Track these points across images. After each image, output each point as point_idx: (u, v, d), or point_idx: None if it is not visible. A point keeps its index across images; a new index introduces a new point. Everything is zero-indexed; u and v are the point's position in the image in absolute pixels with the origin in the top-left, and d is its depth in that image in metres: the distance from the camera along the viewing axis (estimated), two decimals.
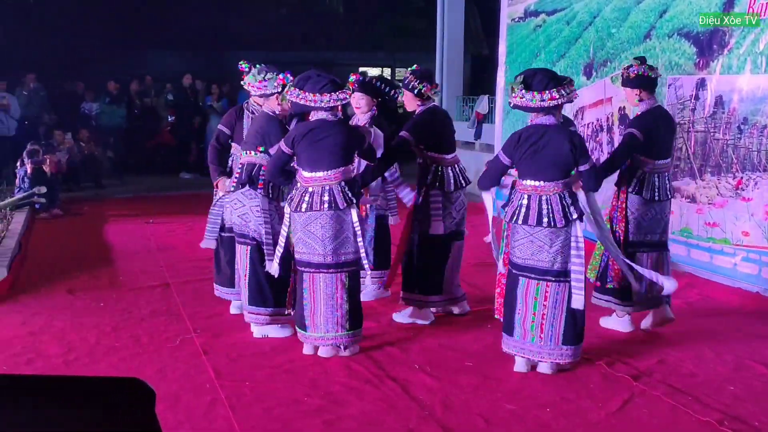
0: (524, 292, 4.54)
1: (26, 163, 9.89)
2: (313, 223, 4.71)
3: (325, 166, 4.71)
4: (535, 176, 4.49)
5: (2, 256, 7.02)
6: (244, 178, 5.09)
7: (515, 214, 4.54)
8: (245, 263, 5.15)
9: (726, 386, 4.43)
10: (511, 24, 10.16)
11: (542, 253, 4.48)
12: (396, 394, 4.28)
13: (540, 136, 4.48)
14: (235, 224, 5.21)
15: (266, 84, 5.06)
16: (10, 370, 4.63)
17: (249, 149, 5.14)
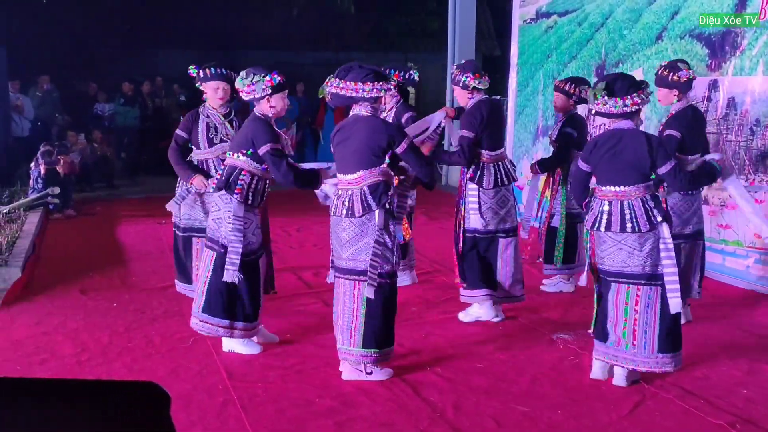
0: (615, 297, 4.44)
1: (40, 163, 9.95)
2: (337, 226, 4.56)
3: (349, 168, 4.52)
4: (614, 181, 4.41)
5: (16, 256, 7.07)
6: (222, 182, 4.86)
7: (597, 222, 4.44)
8: (207, 269, 4.90)
9: (738, 389, 4.42)
10: (523, 25, 10.15)
11: (633, 258, 4.36)
12: (407, 396, 4.29)
13: (617, 141, 4.41)
14: (209, 228, 4.99)
15: (254, 88, 4.80)
16: (24, 370, 4.67)
17: (234, 151, 4.90)
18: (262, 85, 4.79)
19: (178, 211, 5.83)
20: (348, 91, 4.48)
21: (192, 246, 5.81)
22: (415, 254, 6.75)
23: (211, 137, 5.71)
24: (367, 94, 4.48)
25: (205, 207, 5.66)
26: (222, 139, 5.71)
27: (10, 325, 5.55)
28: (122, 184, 12.68)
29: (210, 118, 5.73)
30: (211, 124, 5.73)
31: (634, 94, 4.41)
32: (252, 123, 4.88)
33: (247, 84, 4.80)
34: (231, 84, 5.64)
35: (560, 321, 5.68)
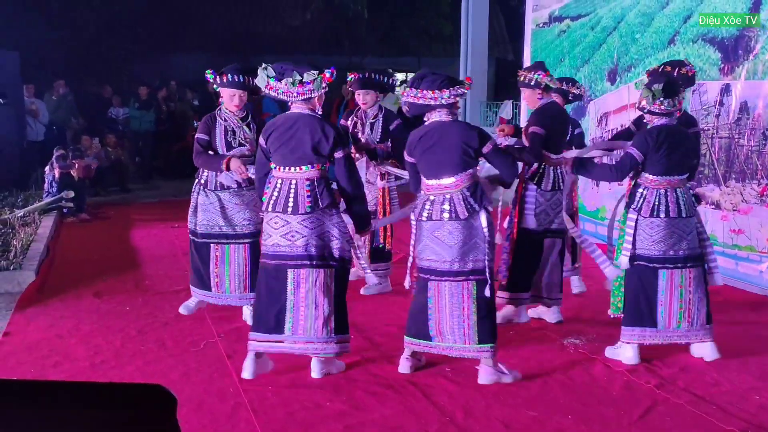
0: (668, 283, 4.83)
1: (54, 167, 10.02)
2: (440, 230, 4.54)
3: (443, 173, 4.54)
4: (669, 172, 4.84)
5: (30, 259, 7.13)
6: (327, 198, 4.54)
7: (654, 209, 4.84)
8: (329, 289, 4.57)
9: (751, 395, 4.40)
10: (536, 29, 10.15)
11: (683, 242, 4.85)
12: (417, 399, 4.30)
13: (674, 136, 4.85)
14: (311, 245, 4.52)
15: (311, 86, 4.48)
16: (38, 373, 4.71)
17: (316, 162, 4.54)
18: (320, 82, 4.51)
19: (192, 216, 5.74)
20: (427, 100, 4.54)
21: (210, 252, 5.67)
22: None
23: (230, 140, 5.61)
24: (445, 100, 4.54)
25: (225, 212, 5.61)
26: (240, 143, 5.62)
27: (24, 328, 5.59)
28: (136, 188, 12.74)
29: (228, 122, 5.64)
30: (229, 127, 5.64)
31: (681, 94, 4.89)
32: (321, 124, 4.53)
33: (297, 83, 4.47)
34: (247, 91, 5.63)
35: (570, 326, 5.67)
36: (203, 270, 5.72)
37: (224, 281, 5.68)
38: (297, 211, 4.50)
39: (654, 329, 4.87)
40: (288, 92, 4.50)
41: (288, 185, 4.55)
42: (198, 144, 5.68)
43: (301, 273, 4.52)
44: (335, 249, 4.54)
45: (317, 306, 4.51)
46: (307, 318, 4.52)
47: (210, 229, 5.67)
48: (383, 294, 6.46)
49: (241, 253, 5.64)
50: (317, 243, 4.51)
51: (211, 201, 5.65)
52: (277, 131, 4.59)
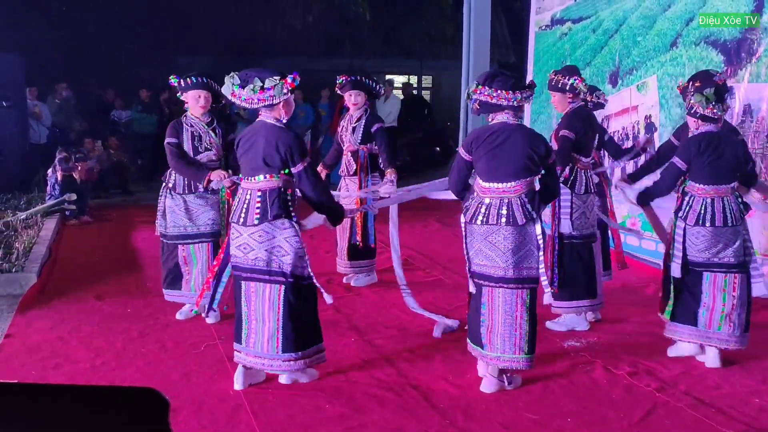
0: (711, 286, 4.92)
1: (57, 170, 10.03)
2: (494, 234, 4.44)
3: (504, 177, 4.42)
4: (715, 181, 4.89)
5: (33, 262, 7.14)
6: (277, 210, 4.39)
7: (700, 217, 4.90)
8: (276, 306, 4.43)
9: (751, 399, 4.39)
10: (539, 32, 10.15)
11: (728, 249, 4.89)
12: (417, 402, 4.29)
13: (719, 143, 4.89)
14: (258, 260, 4.43)
15: (272, 93, 4.37)
16: (38, 375, 4.72)
17: (268, 172, 4.42)
18: (281, 87, 4.39)
19: (161, 218, 5.84)
20: (500, 99, 4.41)
21: (178, 253, 5.82)
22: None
23: (196, 146, 5.70)
24: (516, 102, 4.43)
25: (190, 213, 5.74)
26: (207, 148, 5.73)
27: (25, 330, 5.59)
28: (138, 190, 12.75)
29: (194, 127, 5.72)
30: (195, 133, 5.72)
31: (726, 101, 4.95)
32: (279, 135, 4.42)
33: (258, 89, 4.35)
34: (212, 92, 5.67)
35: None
36: (174, 271, 5.86)
37: (191, 280, 5.81)
38: (246, 223, 4.42)
39: (694, 328, 4.96)
40: (249, 99, 4.40)
41: (245, 196, 4.49)
42: (172, 148, 5.71)
43: (251, 286, 4.47)
44: (286, 265, 4.39)
45: (264, 322, 4.43)
46: (255, 332, 4.47)
47: (177, 230, 5.80)
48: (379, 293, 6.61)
49: (204, 252, 5.77)
50: (266, 257, 4.40)
51: (177, 203, 5.77)
52: (242, 141, 4.57)
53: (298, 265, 4.41)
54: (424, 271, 7.42)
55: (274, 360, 4.44)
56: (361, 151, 6.65)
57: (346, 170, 6.80)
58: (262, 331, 4.44)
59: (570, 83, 5.60)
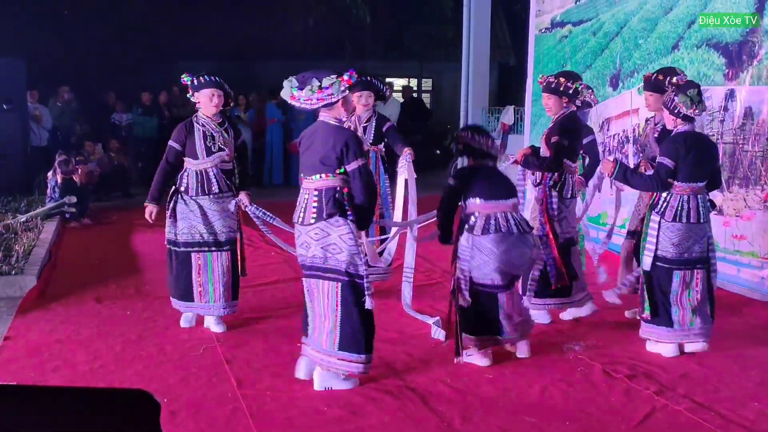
0: (681, 283, 5.08)
1: (57, 173, 10.04)
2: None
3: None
4: (693, 179, 5.05)
5: (32, 264, 7.15)
6: (331, 208, 4.41)
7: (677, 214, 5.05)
8: (334, 303, 4.45)
9: (750, 402, 4.37)
10: (539, 34, 10.16)
11: (696, 245, 5.08)
12: (415, 405, 4.28)
13: (700, 142, 5.12)
14: (316, 258, 4.47)
15: (330, 91, 4.38)
16: (37, 377, 4.71)
17: (324, 171, 4.43)
18: (339, 85, 4.39)
19: (171, 225, 5.64)
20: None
21: (192, 261, 5.59)
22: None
23: (209, 146, 5.56)
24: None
25: (207, 219, 5.56)
26: (220, 148, 5.59)
27: (25, 332, 5.60)
28: (138, 193, 12.73)
29: (206, 127, 5.59)
30: (208, 132, 5.58)
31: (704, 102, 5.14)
32: (337, 134, 4.44)
33: (317, 89, 4.37)
34: (224, 92, 5.63)
35: (570, 332, 5.66)
36: (185, 280, 5.62)
37: (208, 290, 5.60)
38: (304, 222, 4.48)
39: (671, 329, 5.08)
40: (309, 99, 4.40)
41: (304, 195, 4.53)
42: (166, 156, 5.64)
43: (311, 282, 4.53)
44: (341, 262, 4.41)
45: (325, 317, 4.47)
46: (319, 327, 4.50)
47: (191, 237, 5.59)
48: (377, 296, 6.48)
49: (224, 261, 5.61)
50: (322, 255, 4.44)
51: (191, 208, 5.57)
52: (302, 140, 4.60)
53: (352, 263, 4.42)
54: (424, 274, 7.40)
55: (331, 357, 4.44)
56: (373, 152, 6.58)
57: None
58: (323, 326, 4.48)
59: (574, 87, 5.66)
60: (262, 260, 7.99)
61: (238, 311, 5.85)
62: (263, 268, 7.61)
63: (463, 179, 5.00)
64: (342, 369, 4.46)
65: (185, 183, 5.61)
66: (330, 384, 4.49)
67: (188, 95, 5.70)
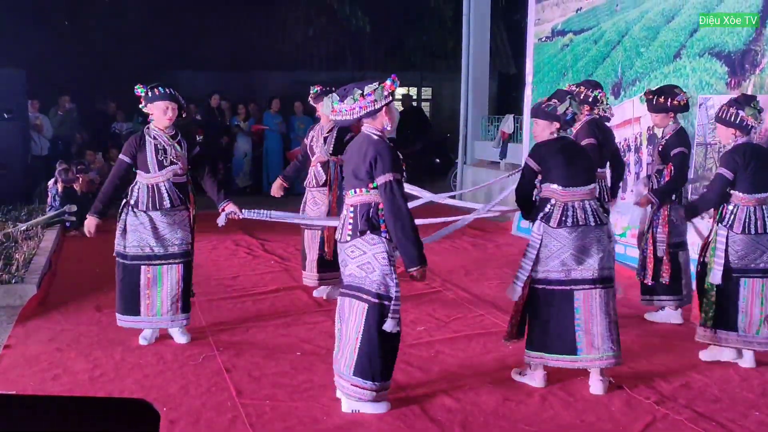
0: (749, 291, 5.09)
1: (58, 181, 10.05)
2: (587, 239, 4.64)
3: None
4: (758, 189, 5.08)
5: (32, 273, 7.13)
6: (363, 225, 4.25)
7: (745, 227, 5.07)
8: (359, 325, 4.26)
9: (751, 412, 4.36)
10: (538, 43, 10.17)
11: (764, 255, 5.07)
12: (415, 415, 4.27)
13: (758, 154, 5.14)
14: (351, 276, 4.32)
15: (373, 97, 4.21)
16: (37, 386, 4.70)
17: (358, 186, 4.29)
18: (382, 91, 4.23)
19: (120, 237, 5.48)
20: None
21: (141, 275, 5.42)
22: None
23: (161, 159, 5.40)
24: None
25: (157, 232, 5.41)
26: (172, 161, 5.42)
27: (24, 341, 5.58)
28: None
29: (157, 140, 5.41)
30: (160, 146, 5.41)
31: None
32: (374, 146, 4.24)
33: (359, 97, 4.21)
34: (178, 104, 5.45)
35: None
36: (132, 295, 5.45)
37: (155, 303, 5.44)
38: (341, 239, 4.36)
39: (736, 333, 5.10)
40: (351, 109, 4.24)
41: (344, 212, 4.41)
42: (116, 169, 5.54)
43: (344, 302, 4.35)
44: (373, 283, 4.22)
45: (348, 339, 4.29)
46: (341, 348, 4.35)
47: (141, 250, 5.44)
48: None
49: (174, 274, 5.45)
50: (358, 274, 4.27)
51: (141, 221, 5.43)
52: (345, 154, 4.53)
53: (383, 283, 4.22)
54: (423, 282, 7.37)
55: (345, 381, 4.28)
56: (332, 162, 6.62)
57: (314, 181, 6.70)
58: (344, 348, 4.31)
59: (595, 95, 5.87)
60: (262, 269, 7.99)
61: (237, 320, 5.84)
62: (263, 277, 7.61)
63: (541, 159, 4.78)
64: (352, 395, 4.27)
65: (135, 196, 5.46)
66: (357, 407, 4.30)
67: (140, 106, 5.52)
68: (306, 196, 6.83)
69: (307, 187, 6.80)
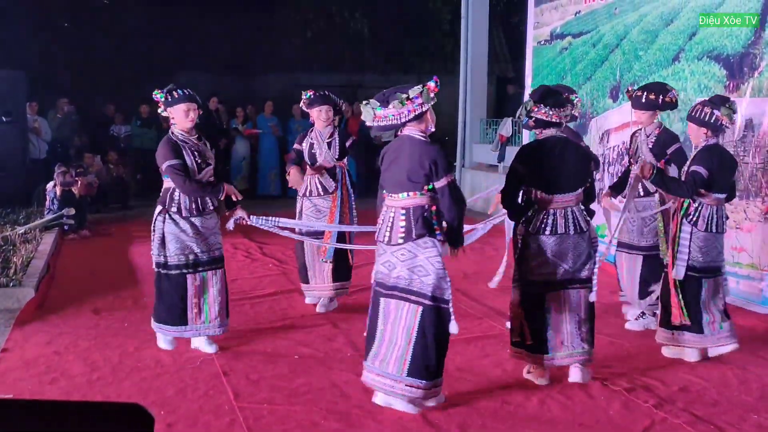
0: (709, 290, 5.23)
1: (56, 185, 10.04)
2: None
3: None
4: (721, 189, 5.21)
5: (30, 276, 7.13)
6: (420, 228, 4.26)
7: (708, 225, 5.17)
8: (411, 327, 4.26)
9: (750, 415, 4.36)
10: (537, 46, 10.18)
11: (719, 254, 5.26)
12: (413, 418, 4.26)
13: (727, 156, 5.32)
14: (400, 278, 4.29)
15: (420, 100, 4.22)
16: (35, 389, 4.69)
17: (412, 189, 4.29)
18: (428, 93, 4.24)
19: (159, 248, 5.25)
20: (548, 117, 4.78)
21: (188, 283, 5.25)
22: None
23: (199, 162, 5.24)
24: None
25: (201, 236, 5.25)
26: (207, 163, 5.29)
27: (22, 344, 5.57)
28: (137, 205, 12.75)
29: (189, 143, 5.23)
30: (194, 149, 5.24)
31: None
32: (421, 148, 4.28)
33: (406, 101, 4.21)
34: (198, 104, 5.31)
35: None
36: (179, 304, 5.26)
37: (203, 311, 5.29)
38: (390, 242, 4.30)
39: (701, 335, 5.19)
40: (398, 114, 4.23)
41: (389, 214, 4.35)
42: (178, 170, 5.13)
43: (390, 303, 4.31)
44: (427, 285, 4.22)
45: (396, 341, 4.27)
46: (386, 351, 4.31)
47: (185, 258, 5.24)
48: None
49: (218, 279, 5.33)
50: (407, 276, 4.26)
51: (182, 228, 5.22)
52: (385, 156, 4.44)
53: (438, 287, 4.24)
54: None
55: (398, 382, 4.25)
56: (338, 167, 6.45)
57: (319, 189, 6.39)
58: (392, 350, 4.28)
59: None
60: (260, 272, 7.98)
61: (235, 323, 5.83)
62: (261, 280, 7.61)
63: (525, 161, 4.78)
64: (406, 394, 4.26)
65: (176, 203, 5.22)
66: (390, 402, 4.34)
67: (159, 110, 5.36)
68: (302, 205, 6.50)
69: (306, 197, 6.46)
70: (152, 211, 5.42)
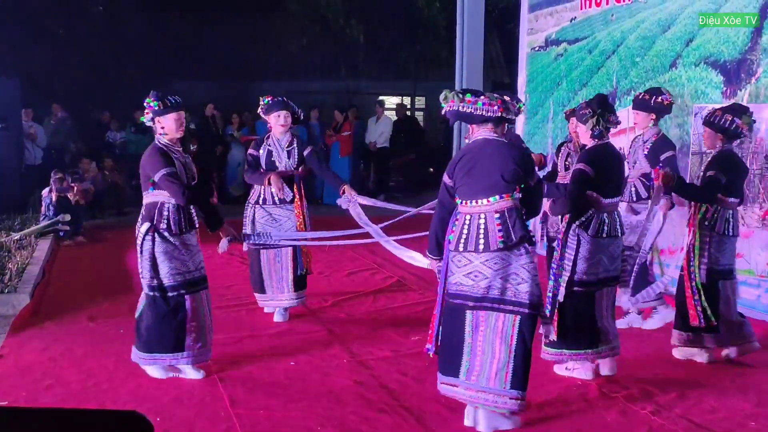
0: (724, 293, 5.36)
1: (52, 191, 10.02)
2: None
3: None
4: (737, 194, 5.33)
5: (26, 282, 7.10)
6: (521, 231, 4.13)
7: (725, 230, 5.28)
8: (509, 338, 4.12)
9: (747, 422, 4.35)
10: (532, 53, 10.18)
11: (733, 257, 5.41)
12: (410, 425, 4.25)
13: (740, 161, 5.49)
14: (495, 288, 4.12)
15: (505, 107, 4.20)
16: (30, 396, 4.67)
17: (505, 191, 4.16)
18: (508, 105, 4.23)
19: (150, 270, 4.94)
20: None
21: (186, 305, 4.93)
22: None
23: (189, 176, 5.01)
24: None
25: (192, 253, 4.98)
26: (193, 176, 5.04)
27: (17, 351, 5.55)
28: (132, 211, 12.70)
29: (177, 155, 4.95)
30: (182, 161, 4.97)
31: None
32: (510, 150, 4.21)
33: (497, 99, 4.20)
34: (185, 112, 5.07)
35: None
36: (178, 329, 4.89)
37: (201, 334, 4.97)
38: (488, 249, 4.10)
39: (719, 335, 5.28)
40: (490, 105, 4.15)
41: (475, 221, 4.15)
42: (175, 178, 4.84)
43: (480, 315, 4.14)
44: (523, 293, 4.10)
45: (493, 354, 4.11)
46: (482, 365, 4.13)
47: (182, 277, 4.90)
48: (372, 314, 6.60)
49: (208, 299, 5.07)
50: (500, 285, 4.11)
51: (175, 245, 4.88)
52: (461, 162, 4.23)
53: (536, 294, 4.13)
54: (418, 292, 7.37)
55: (500, 396, 4.10)
56: (297, 176, 6.35)
57: (274, 198, 6.23)
58: (490, 363, 4.12)
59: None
60: None
61: (231, 329, 5.83)
62: None
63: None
64: (509, 407, 4.13)
65: (165, 219, 4.89)
66: (498, 424, 4.17)
67: (145, 120, 5.01)
68: (254, 214, 6.33)
69: (260, 205, 6.31)
70: None
